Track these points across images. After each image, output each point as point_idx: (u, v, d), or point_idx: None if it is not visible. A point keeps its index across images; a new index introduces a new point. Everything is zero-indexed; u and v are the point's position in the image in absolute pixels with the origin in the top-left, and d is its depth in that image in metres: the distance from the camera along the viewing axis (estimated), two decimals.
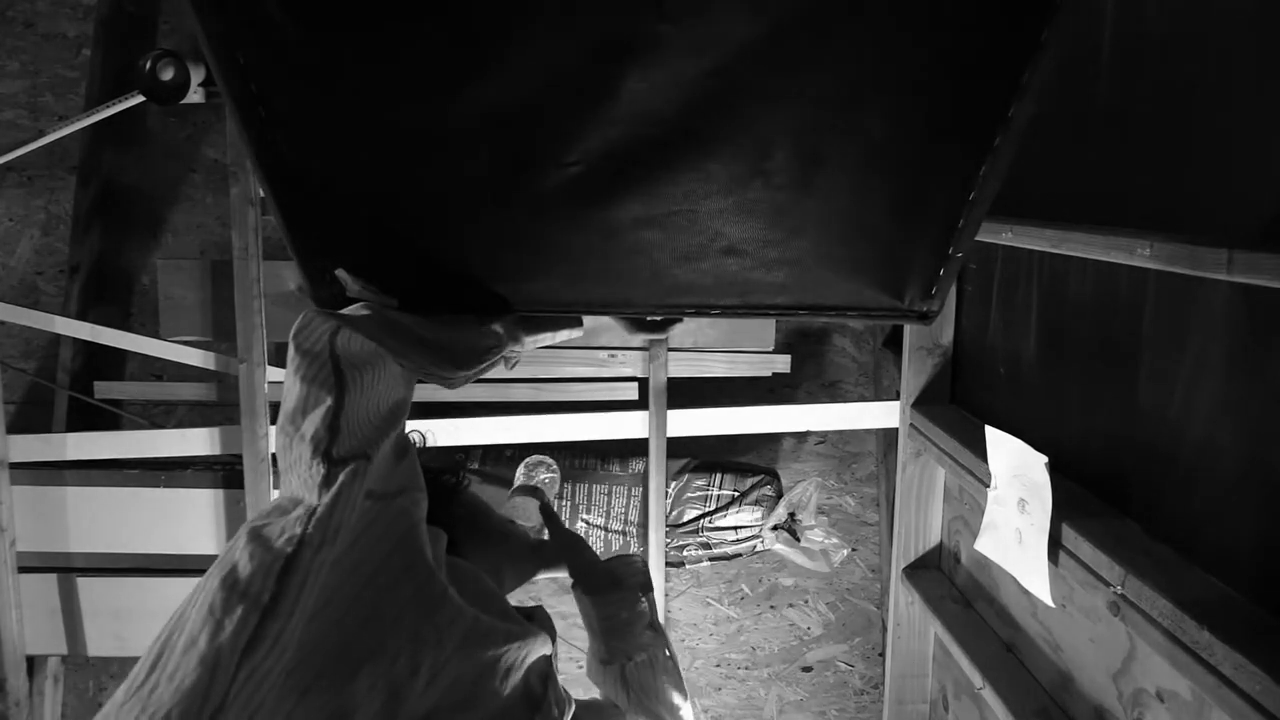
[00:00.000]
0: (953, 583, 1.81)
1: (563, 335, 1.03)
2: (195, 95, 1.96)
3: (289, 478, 0.74)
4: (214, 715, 0.61)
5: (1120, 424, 1.19)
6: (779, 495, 2.38)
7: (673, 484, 2.30)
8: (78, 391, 2.30)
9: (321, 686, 0.66)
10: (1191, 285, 1.04)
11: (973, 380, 1.72)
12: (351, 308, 0.83)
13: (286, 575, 0.66)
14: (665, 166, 0.77)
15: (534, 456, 1.36)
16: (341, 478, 0.71)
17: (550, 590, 2.31)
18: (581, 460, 2.26)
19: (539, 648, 0.86)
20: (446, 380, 0.87)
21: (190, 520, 2.18)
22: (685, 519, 2.34)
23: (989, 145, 0.75)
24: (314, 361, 0.75)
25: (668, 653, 1.07)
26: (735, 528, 2.35)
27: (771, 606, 2.52)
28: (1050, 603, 1.25)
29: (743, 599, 2.51)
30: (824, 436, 2.47)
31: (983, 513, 1.42)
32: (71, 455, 2.09)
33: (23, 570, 2.08)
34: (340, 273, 0.86)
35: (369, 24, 0.69)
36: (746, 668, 2.52)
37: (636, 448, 2.15)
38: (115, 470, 2.17)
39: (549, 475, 1.34)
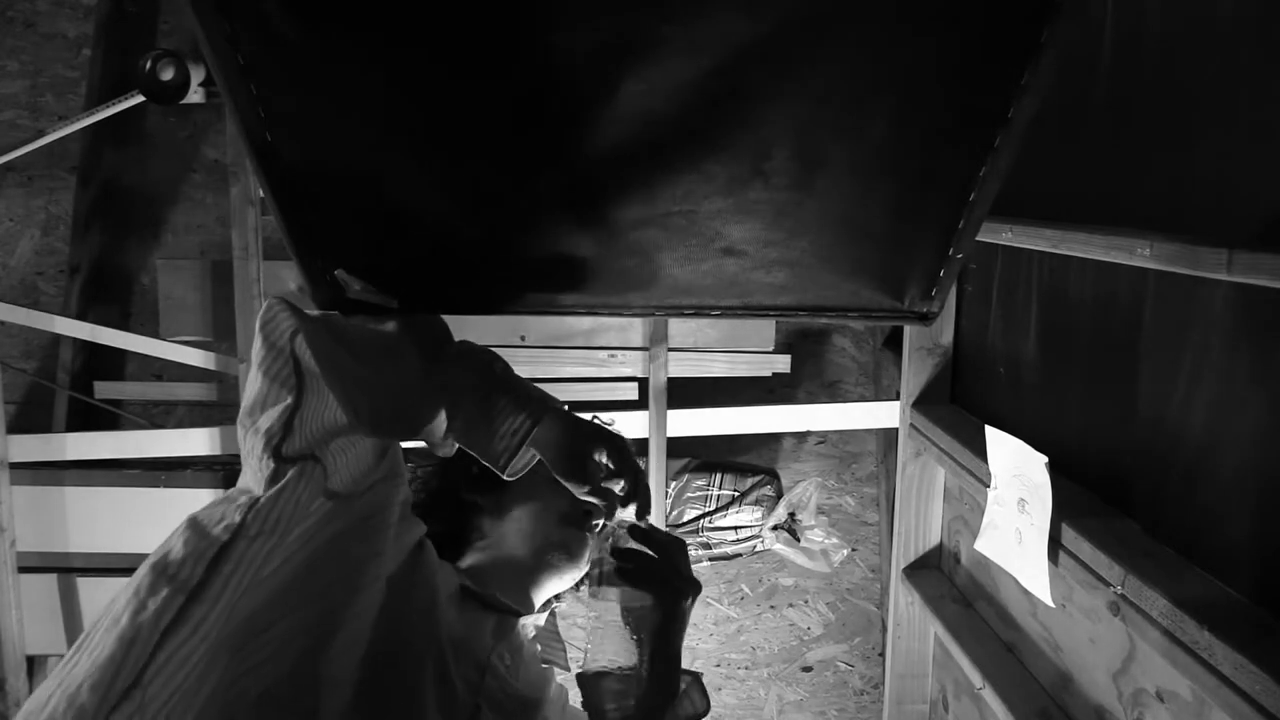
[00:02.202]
0: (953, 583, 1.81)
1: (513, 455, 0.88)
2: (195, 95, 1.96)
3: (245, 469, 0.75)
4: (128, 689, 0.61)
5: (1120, 424, 1.19)
6: (779, 495, 2.38)
7: (673, 484, 2.30)
8: (78, 391, 2.30)
9: (239, 657, 0.67)
10: (1191, 285, 1.04)
11: (973, 380, 1.72)
12: (316, 312, 0.83)
13: (218, 563, 0.67)
14: (665, 167, 0.77)
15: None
16: (289, 474, 0.71)
17: None
18: None
19: (474, 644, 0.87)
20: (358, 427, 0.79)
21: None
22: (685, 519, 2.34)
23: (989, 146, 0.75)
24: (278, 357, 0.75)
25: None
26: (735, 528, 2.35)
27: (771, 606, 2.52)
28: (1050, 603, 1.25)
29: (743, 599, 2.51)
30: (824, 436, 2.47)
31: (983, 513, 1.41)
32: (71, 455, 2.09)
33: (23, 570, 2.08)
34: (340, 273, 0.86)
35: (369, 24, 0.68)
36: (746, 668, 2.52)
37: (636, 448, 2.14)
38: (115, 470, 2.17)
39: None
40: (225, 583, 0.67)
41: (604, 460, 0.90)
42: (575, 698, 0.93)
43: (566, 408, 0.92)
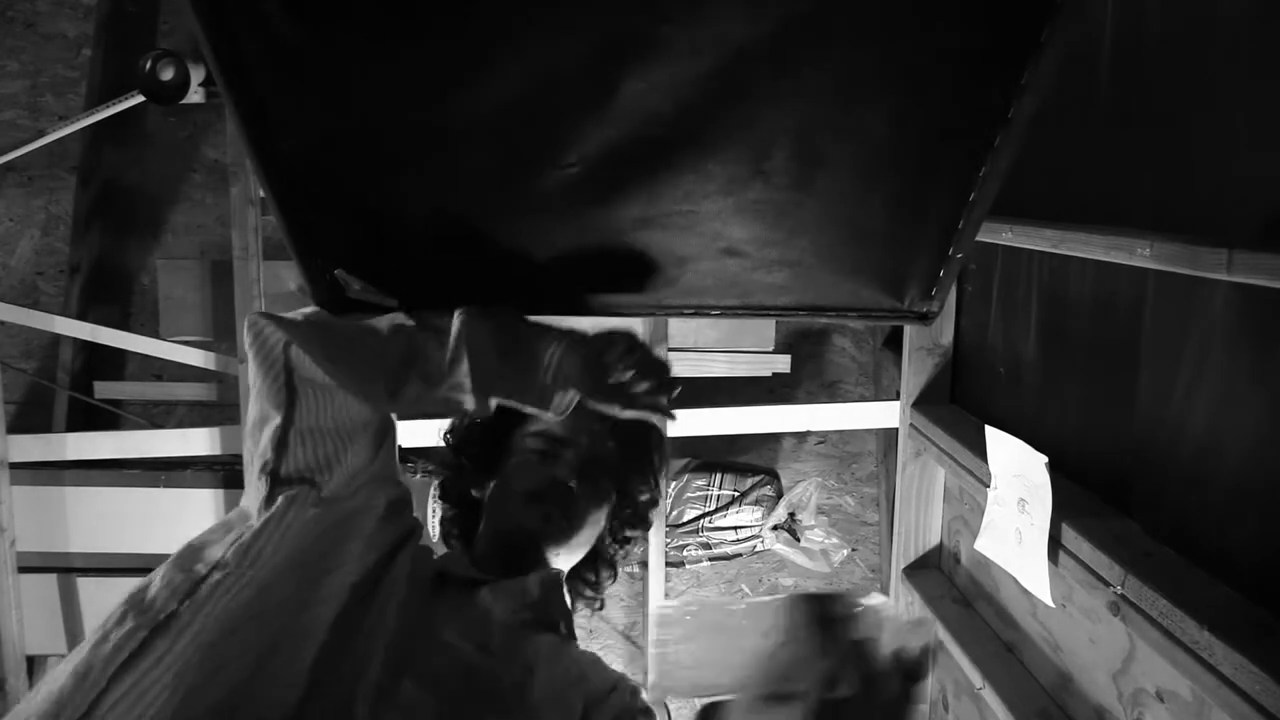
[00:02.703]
0: (953, 583, 1.81)
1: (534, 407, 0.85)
2: (195, 95, 1.96)
3: (247, 486, 0.76)
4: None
5: (1120, 424, 1.19)
6: (779, 495, 2.38)
7: (673, 484, 2.30)
8: (78, 391, 2.30)
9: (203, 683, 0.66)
10: (1191, 285, 1.04)
11: (973, 380, 1.72)
12: (294, 312, 0.83)
13: (191, 596, 0.67)
14: (665, 167, 0.77)
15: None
16: (279, 502, 0.72)
17: None
18: None
19: (433, 627, 0.85)
20: (374, 404, 0.80)
21: (190, 520, 2.17)
22: (685, 519, 2.34)
23: (989, 145, 0.75)
24: (270, 370, 0.75)
25: None
26: (735, 528, 2.35)
27: None
28: (1050, 603, 1.25)
29: (743, 599, 2.51)
30: (824, 436, 2.47)
31: (983, 513, 1.41)
32: (71, 455, 2.09)
33: (23, 570, 2.08)
34: (340, 273, 0.86)
35: (369, 24, 0.68)
36: None
37: None
38: (115, 470, 2.17)
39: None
40: (195, 613, 0.66)
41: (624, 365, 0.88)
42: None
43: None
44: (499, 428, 0.95)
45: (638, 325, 2.14)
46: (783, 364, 2.32)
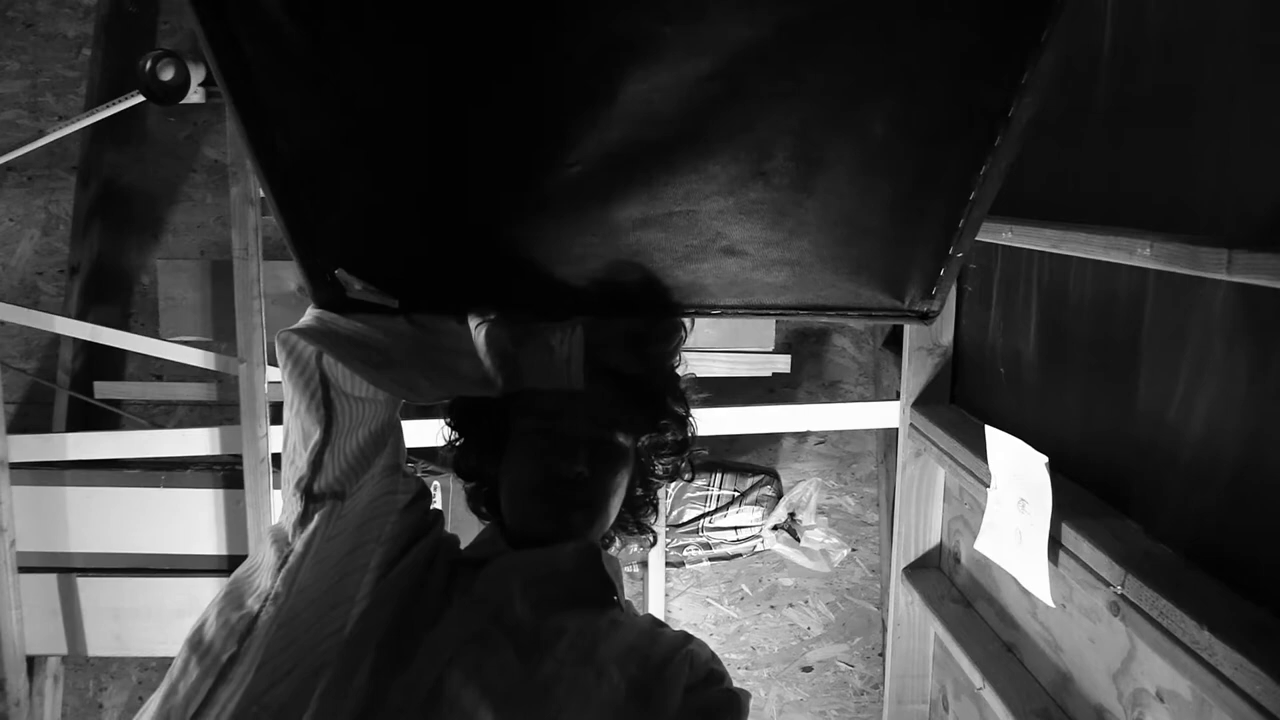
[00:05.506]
0: (953, 583, 1.81)
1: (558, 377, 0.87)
2: (195, 95, 1.96)
3: (283, 504, 0.78)
4: None
5: (1120, 424, 1.19)
6: (779, 495, 2.38)
7: (673, 484, 2.30)
8: (78, 391, 2.30)
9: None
10: (1191, 285, 1.04)
11: (973, 380, 1.72)
12: (305, 321, 0.84)
13: (248, 635, 0.69)
14: (666, 167, 0.77)
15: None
16: (315, 521, 0.73)
17: None
18: None
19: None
20: (413, 396, 0.85)
21: (190, 520, 2.18)
22: (685, 519, 2.34)
23: (989, 145, 0.75)
24: (307, 387, 0.77)
25: None
26: (735, 528, 2.35)
27: (771, 606, 2.52)
28: (1050, 603, 1.25)
29: (743, 599, 2.51)
30: (824, 436, 2.47)
31: (983, 513, 1.42)
32: (71, 455, 2.09)
33: (23, 570, 2.08)
34: (340, 273, 0.86)
35: (370, 24, 0.68)
36: (746, 668, 2.52)
37: None
38: (115, 470, 2.17)
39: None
40: (251, 653, 0.69)
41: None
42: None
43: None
44: (497, 401, 0.92)
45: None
46: (783, 364, 2.32)
